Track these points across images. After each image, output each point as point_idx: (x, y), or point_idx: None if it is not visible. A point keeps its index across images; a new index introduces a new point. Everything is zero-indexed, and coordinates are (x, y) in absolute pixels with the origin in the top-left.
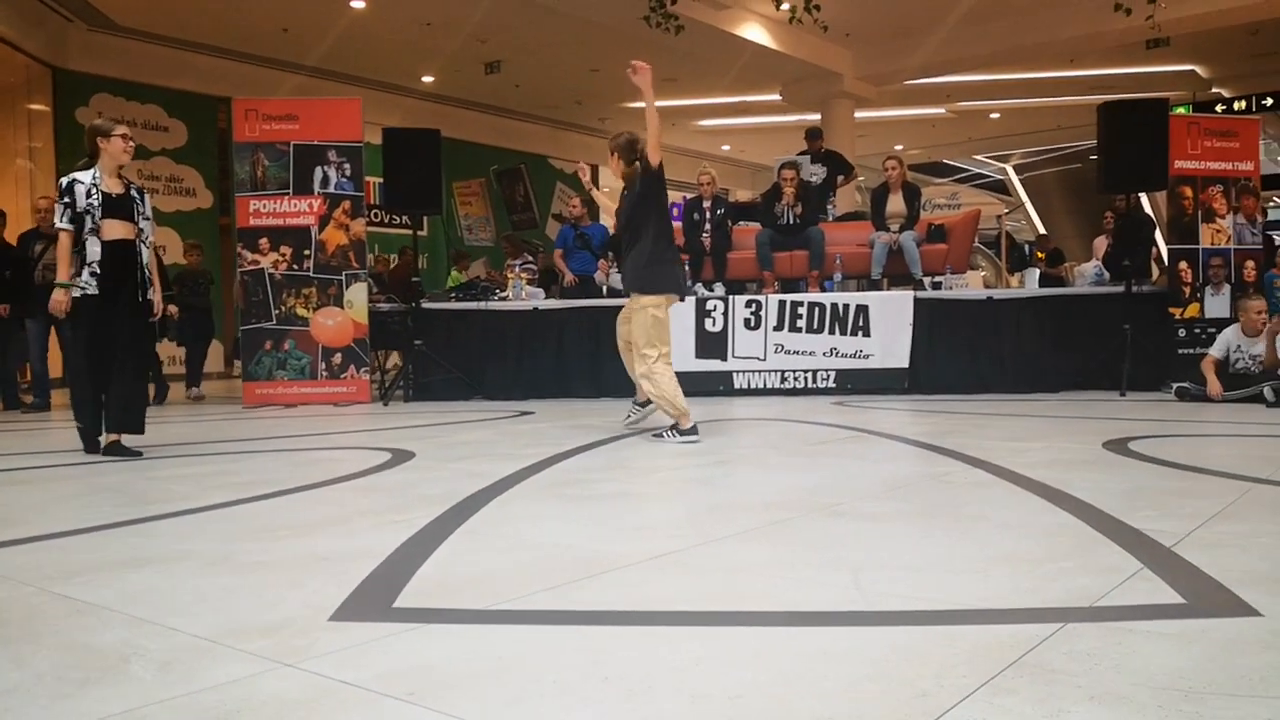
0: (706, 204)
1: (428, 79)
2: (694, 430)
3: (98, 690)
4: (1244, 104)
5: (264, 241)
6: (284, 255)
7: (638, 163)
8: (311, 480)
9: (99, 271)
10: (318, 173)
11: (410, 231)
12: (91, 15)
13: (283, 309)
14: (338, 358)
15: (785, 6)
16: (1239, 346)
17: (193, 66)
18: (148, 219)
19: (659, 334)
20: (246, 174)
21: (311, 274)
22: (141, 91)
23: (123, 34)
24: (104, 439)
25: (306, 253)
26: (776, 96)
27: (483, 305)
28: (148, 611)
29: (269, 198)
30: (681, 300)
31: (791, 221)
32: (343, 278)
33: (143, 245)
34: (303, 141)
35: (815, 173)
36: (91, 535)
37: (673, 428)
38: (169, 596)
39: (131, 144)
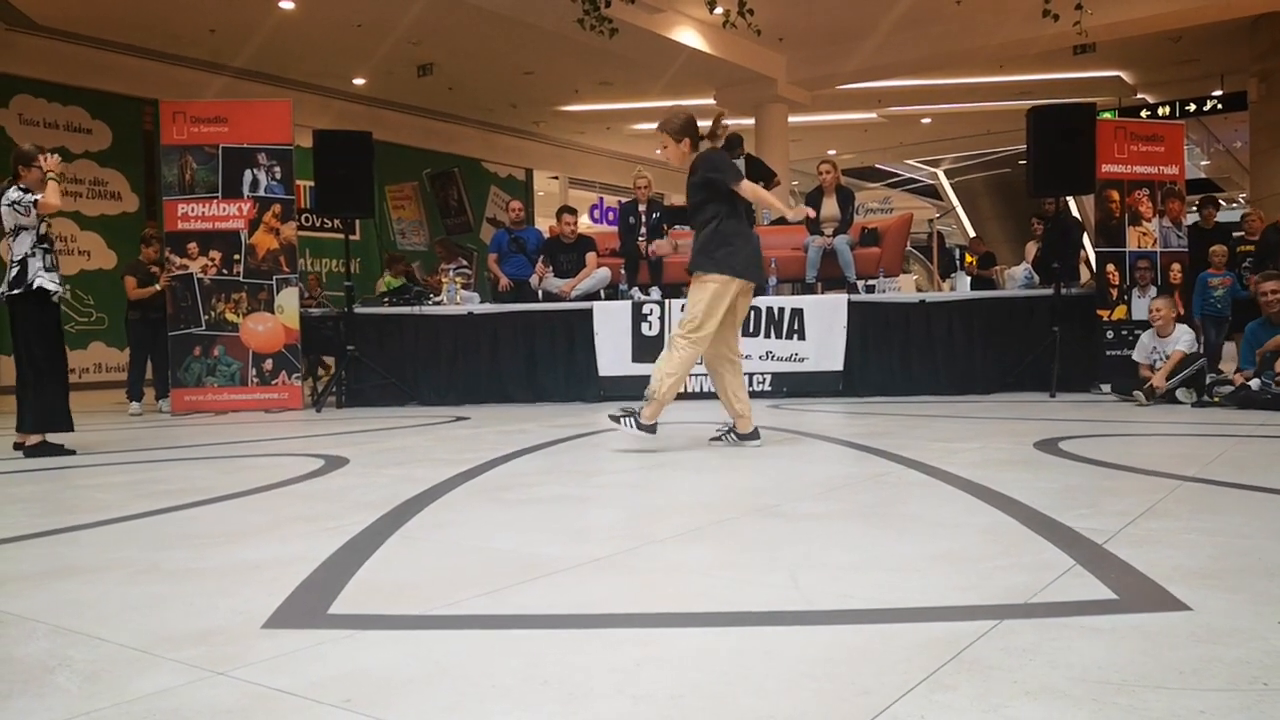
0: (642, 208)
1: (359, 81)
2: (652, 429)
3: (21, 702)
4: (1168, 109)
5: (193, 246)
6: (213, 260)
7: (702, 142)
8: (243, 487)
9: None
10: (247, 176)
11: (342, 235)
12: (10, 14)
13: (212, 314)
14: (269, 364)
15: (718, 10)
16: (1154, 348)
17: (117, 67)
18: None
19: (709, 312)
20: (174, 177)
21: (241, 279)
22: (64, 93)
23: (43, 34)
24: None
25: (236, 257)
26: (711, 101)
27: (416, 310)
28: (73, 621)
29: (197, 201)
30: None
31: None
32: (273, 282)
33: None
34: (232, 144)
35: None
36: (12, 545)
37: (632, 415)
38: (95, 606)
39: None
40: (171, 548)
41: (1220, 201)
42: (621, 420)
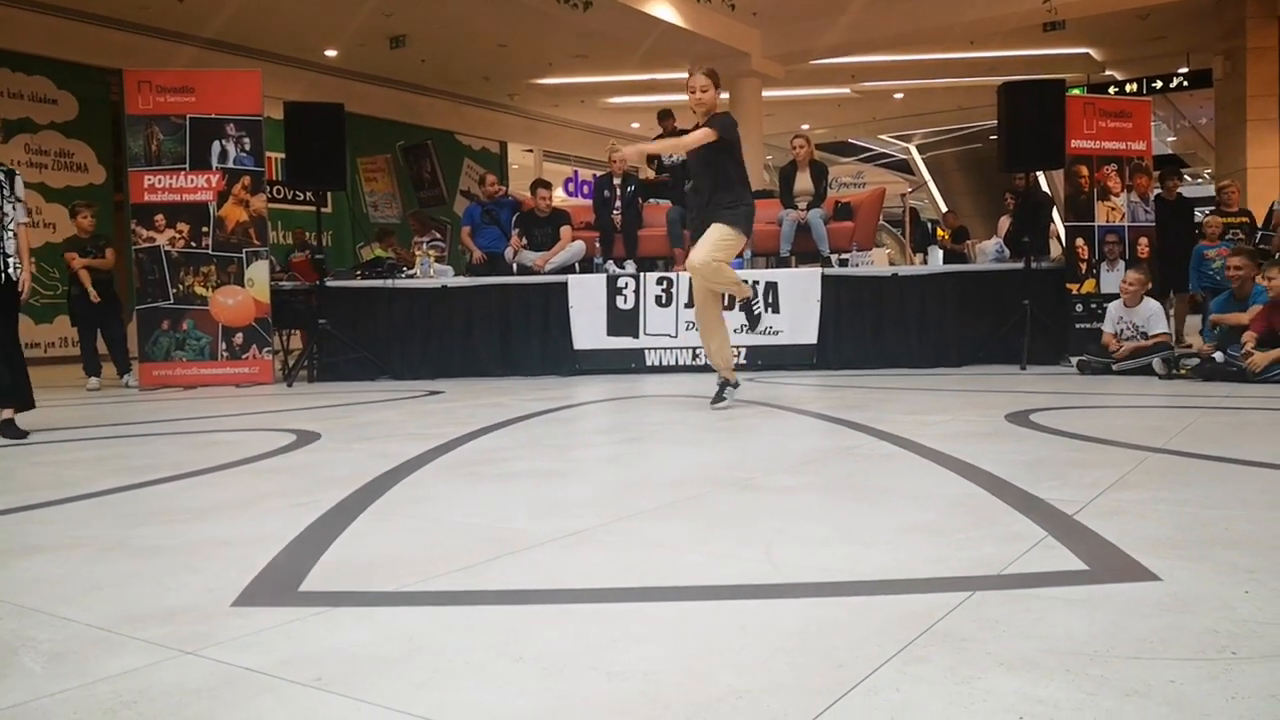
0: (617, 181)
1: (331, 53)
2: (736, 384)
3: None
4: (1135, 86)
5: (160, 218)
6: (181, 232)
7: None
8: (212, 463)
9: None
10: (216, 147)
11: (313, 208)
12: None
13: (180, 288)
14: (239, 337)
15: None
16: (1121, 318)
17: (82, 37)
18: (20, 201)
19: (728, 253)
20: (140, 148)
21: (210, 251)
22: (28, 63)
23: (5, 2)
24: None
25: (205, 229)
26: (685, 75)
27: (389, 283)
28: (38, 600)
29: (165, 173)
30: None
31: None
32: (243, 255)
33: (6, 228)
34: (200, 114)
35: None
36: None
37: (725, 386)
38: (61, 585)
39: None
40: (139, 525)
41: (1185, 175)
42: (726, 397)
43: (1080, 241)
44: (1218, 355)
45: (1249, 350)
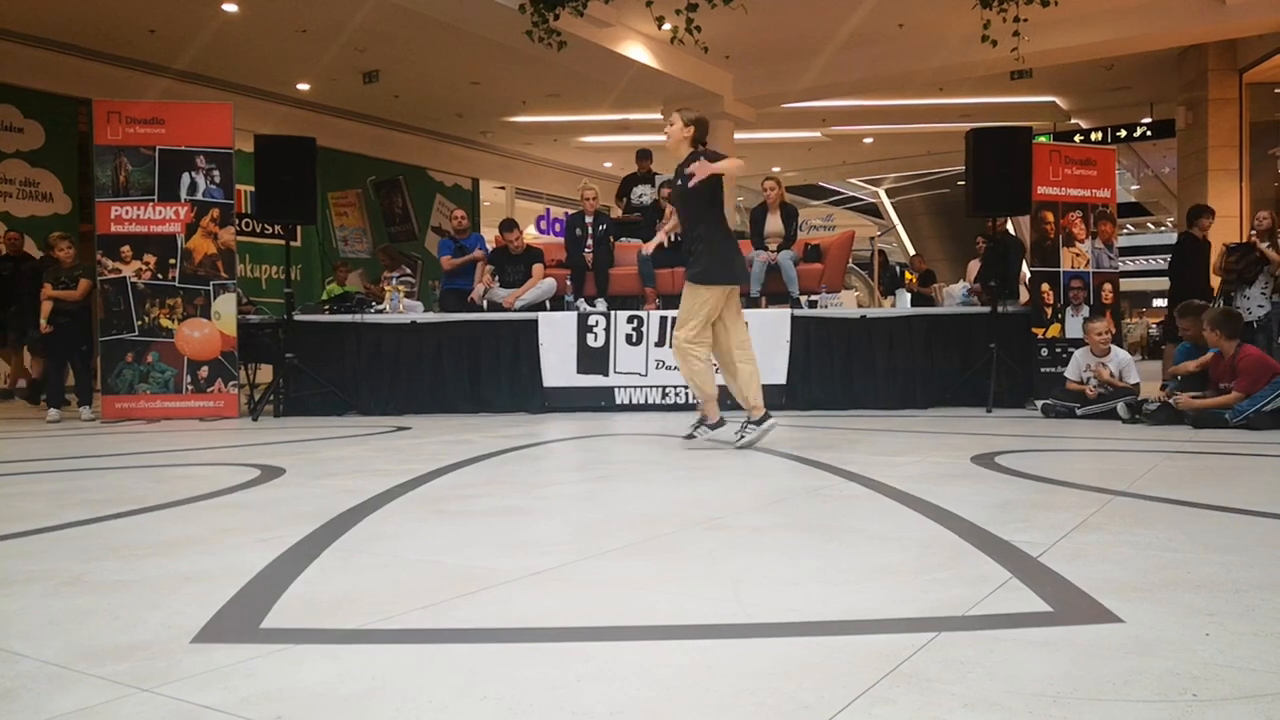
0: (589, 220)
1: (303, 86)
2: (721, 423)
3: None
4: (1100, 135)
5: (126, 249)
6: (148, 264)
7: (701, 146)
8: (174, 497)
9: None
10: (185, 179)
11: (283, 242)
12: None
13: (146, 320)
14: (204, 371)
15: (667, 27)
16: (1088, 366)
17: (51, 66)
18: None
19: (704, 318)
20: (108, 179)
21: (177, 284)
22: None
23: None
24: None
25: (172, 262)
26: (658, 115)
27: (358, 318)
28: None
29: (132, 204)
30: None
31: (673, 239)
32: (210, 288)
33: None
34: (169, 146)
35: (644, 193)
36: None
37: (700, 424)
38: (15, 620)
39: None
40: (98, 559)
41: (1149, 225)
42: (696, 434)
43: (1046, 286)
44: (1173, 400)
45: (1177, 392)
